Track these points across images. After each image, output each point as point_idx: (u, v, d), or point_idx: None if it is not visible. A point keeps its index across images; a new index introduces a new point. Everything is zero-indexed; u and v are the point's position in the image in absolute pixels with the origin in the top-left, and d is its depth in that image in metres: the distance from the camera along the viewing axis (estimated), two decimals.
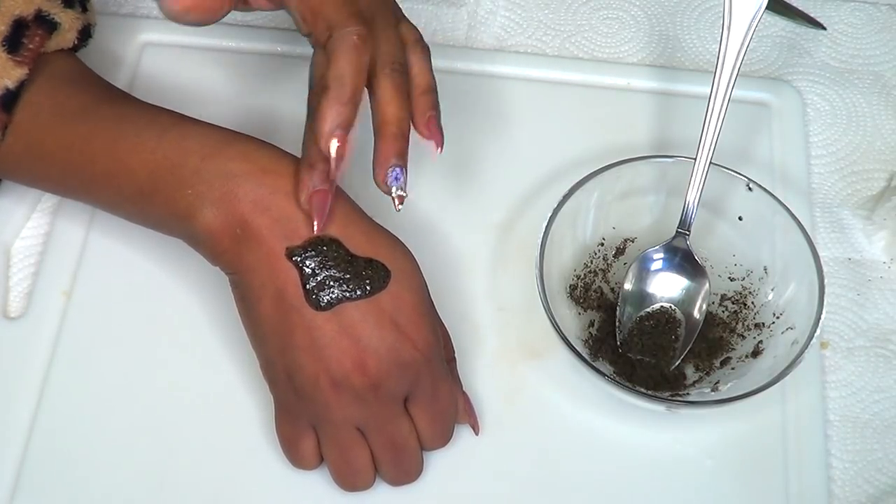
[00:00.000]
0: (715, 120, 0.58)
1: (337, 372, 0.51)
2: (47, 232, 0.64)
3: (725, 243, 0.62)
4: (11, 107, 0.55)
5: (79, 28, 0.59)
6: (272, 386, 0.54)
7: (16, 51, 0.55)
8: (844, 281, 0.64)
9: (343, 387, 0.51)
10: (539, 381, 0.60)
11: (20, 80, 0.55)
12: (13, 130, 0.55)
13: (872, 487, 0.57)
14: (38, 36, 0.56)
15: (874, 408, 0.60)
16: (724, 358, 0.59)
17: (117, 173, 0.54)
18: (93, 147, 0.55)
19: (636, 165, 0.61)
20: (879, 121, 0.70)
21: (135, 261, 0.63)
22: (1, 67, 0.54)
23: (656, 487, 0.57)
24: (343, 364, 0.51)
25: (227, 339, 0.60)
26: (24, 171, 0.58)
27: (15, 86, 0.55)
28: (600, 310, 0.61)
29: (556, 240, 0.59)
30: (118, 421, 0.58)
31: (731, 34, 0.57)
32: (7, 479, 0.56)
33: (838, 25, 0.74)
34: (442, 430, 0.55)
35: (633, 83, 0.71)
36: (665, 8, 0.75)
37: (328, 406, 0.52)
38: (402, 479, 0.55)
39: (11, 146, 0.56)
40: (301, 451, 0.55)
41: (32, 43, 0.56)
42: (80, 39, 0.59)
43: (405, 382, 0.52)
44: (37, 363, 0.59)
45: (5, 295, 0.62)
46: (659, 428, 0.58)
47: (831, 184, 0.68)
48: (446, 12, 0.74)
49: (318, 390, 0.51)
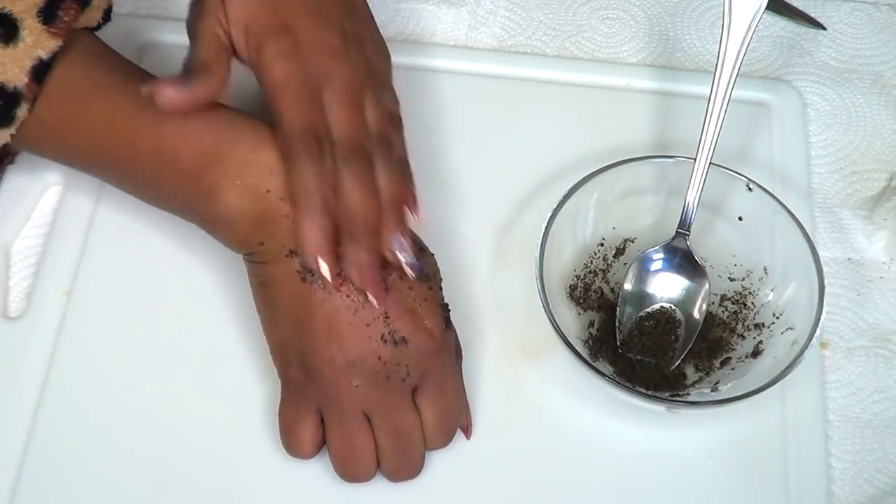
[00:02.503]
0: (715, 120, 0.58)
1: (352, 354, 0.52)
2: (47, 232, 0.64)
3: (725, 243, 0.62)
4: (42, 78, 0.55)
5: (105, 8, 0.60)
6: (283, 368, 0.55)
7: (51, 22, 0.55)
8: (844, 281, 0.64)
9: (356, 369, 0.52)
10: (539, 381, 0.60)
11: (53, 52, 0.55)
12: (46, 102, 0.56)
13: (872, 487, 0.57)
14: (72, 9, 0.56)
15: (874, 408, 0.60)
16: (724, 358, 0.59)
17: (160, 153, 0.55)
18: (136, 125, 0.55)
19: (636, 165, 0.61)
20: (879, 121, 0.70)
21: (135, 261, 0.63)
22: (36, 38, 0.55)
23: (656, 487, 0.57)
24: (359, 347, 0.52)
25: (228, 338, 0.60)
26: (53, 143, 0.58)
27: (48, 57, 0.55)
28: (600, 310, 0.61)
29: (556, 240, 0.59)
30: (118, 421, 0.58)
31: (731, 34, 0.57)
32: (7, 479, 0.56)
33: (838, 25, 0.74)
34: (446, 425, 0.56)
35: (633, 83, 0.71)
36: (665, 8, 0.75)
37: (339, 388, 0.52)
38: (403, 472, 0.55)
39: (44, 117, 0.56)
40: (299, 436, 0.55)
41: (67, 15, 0.56)
42: (102, 20, 0.60)
43: (417, 371, 0.53)
44: (37, 363, 0.59)
45: (5, 295, 0.62)
46: (659, 428, 0.58)
47: (831, 184, 0.68)
48: (446, 12, 0.74)
49: (331, 371, 0.52)
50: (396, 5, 0.73)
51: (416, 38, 0.72)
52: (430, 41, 0.73)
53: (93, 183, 0.64)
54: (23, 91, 0.55)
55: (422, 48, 0.72)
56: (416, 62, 0.71)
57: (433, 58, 0.71)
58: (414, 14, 0.73)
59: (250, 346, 0.59)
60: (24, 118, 0.55)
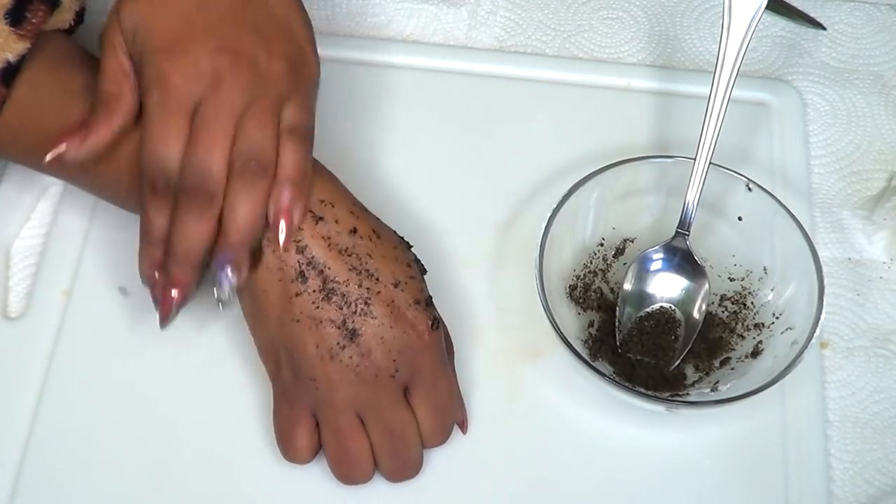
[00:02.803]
0: (715, 120, 0.58)
1: (334, 345, 0.52)
2: (47, 232, 0.64)
3: (725, 243, 0.62)
4: (10, 81, 0.55)
5: (76, 10, 0.59)
6: (273, 372, 0.55)
7: (18, 24, 0.55)
8: (844, 281, 0.64)
9: (342, 363, 0.52)
10: (539, 381, 0.60)
11: (21, 55, 0.55)
12: (13, 105, 0.55)
13: (872, 487, 0.57)
14: (41, 11, 0.56)
15: (874, 408, 0.60)
16: (724, 358, 0.59)
17: (127, 160, 0.54)
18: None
19: (636, 165, 0.61)
20: (879, 121, 0.70)
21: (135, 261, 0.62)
22: (3, 40, 0.54)
23: (656, 487, 0.57)
24: (339, 337, 0.52)
25: (228, 339, 0.60)
26: (19, 146, 0.57)
27: (16, 59, 0.55)
28: (600, 310, 0.61)
29: (555, 240, 0.59)
30: (118, 421, 0.58)
31: (730, 34, 0.57)
32: (7, 479, 0.56)
33: (838, 25, 0.74)
34: (441, 423, 0.55)
35: (633, 83, 0.71)
36: (665, 8, 0.75)
37: (328, 385, 0.52)
38: (401, 473, 0.55)
39: (9, 121, 0.55)
40: (295, 441, 0.55)
41: (35, 17, 0.55)
42: (74, 22, 0.59)
43: (407, 368, 0.53)
44: (37, 363, 0.59)
45: (5, 295, 0.62)
46: (659, 428, 0.58)
47: (831, 184, 0.68)
48: (446, 12, 0.74)
49: (318, 367, 0.52)
50: (396, 5, 0.73)
51: (416, 38, 0.72)
52: (430, 41, 0.73)
53: None
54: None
55: (422, 48, 0.72)
56: (416, 62, 0.71)
57: (433, 58, 0.71)
58: (414, 14, 0.73)
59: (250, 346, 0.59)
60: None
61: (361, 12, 0.73)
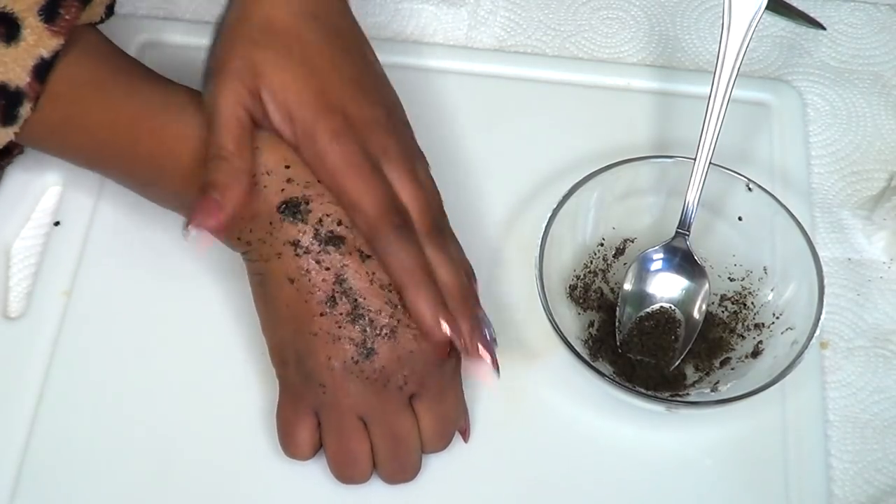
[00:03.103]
0: (715, 120, 0.58)
1: (348, 360, 0.52)
2: (47, 232, 0.64)
3: (725, 243, 0.62)
4: (44, 77, 0.55)
5: (107, 3, 0.59)
6: (281, 369, 0.55)
7: (52, 20, 0.55)
8: (844, 281, 0.64)
9: (353, 375, 0.52)
10: (539, 381, 0.60)
11: (55, 51, 0.55)
12: (50, 100, 0.56)
13: (872, 487, 0.57)
14: (74, 7, 0.56)
15: (874, 408, 0.60)
16: (724, 358, 0.59)
17: (161, 154, 0.55)
18: (138, 125, 0.56)
19: (636, 165, 0.61)
20: (879, 121, 0.70)
21: (135, 261, 0.63)
22: (37, 37, 0.54)
23: (656, 487, 0.57)
24: (356, 354, 0.52)
25: (228, 338, 0.60)
26: (56, 140, 0.58)
27: (50, 55, 0.55)
28: (600, 310, 0.61)
29: (555, 240, 0.59)
30: (118, 421, 0.58)
31: (730, 34, 0.57)
32: (7, 479, 0.56)
33: (838, 25, 0.74)
34: (443, 431, 0.55)
35: (632, 83, 0.71)
36: (665, 8, 0.75)
37: (335, 392, 0.52)
38: (399, 476, 0.55)
39: (48, 115, 0.56)
40: (297, 437, 0.55)
41: (69, 13, 0.56)
42: (105, 15, 0.60)
43: (415, 379, 0.53)
44: (37, 363, 0.59)
45: (5, 295, 0.62)
46: (659, 428, 0.58)
47: (831, 184, 0.68)
48: (446, 12, 0.74)
49: (327, 375, 0.52)
50: (396, 5, 0.73)
51: (416, 38, 0.72)
52: (430, 41, 0.73)
53: (93, 182, 0.64)
54: (25, 90, 0.55)
55: (422, 48, 0.72)
56: (416, 62, 0.71)
57: (433, 58, 0.71)
58: (414, 14, 0.73)
59: (250, 345, 0.59)
60: (27, 116, 0.55)
61: (361, 12, 0.72)
